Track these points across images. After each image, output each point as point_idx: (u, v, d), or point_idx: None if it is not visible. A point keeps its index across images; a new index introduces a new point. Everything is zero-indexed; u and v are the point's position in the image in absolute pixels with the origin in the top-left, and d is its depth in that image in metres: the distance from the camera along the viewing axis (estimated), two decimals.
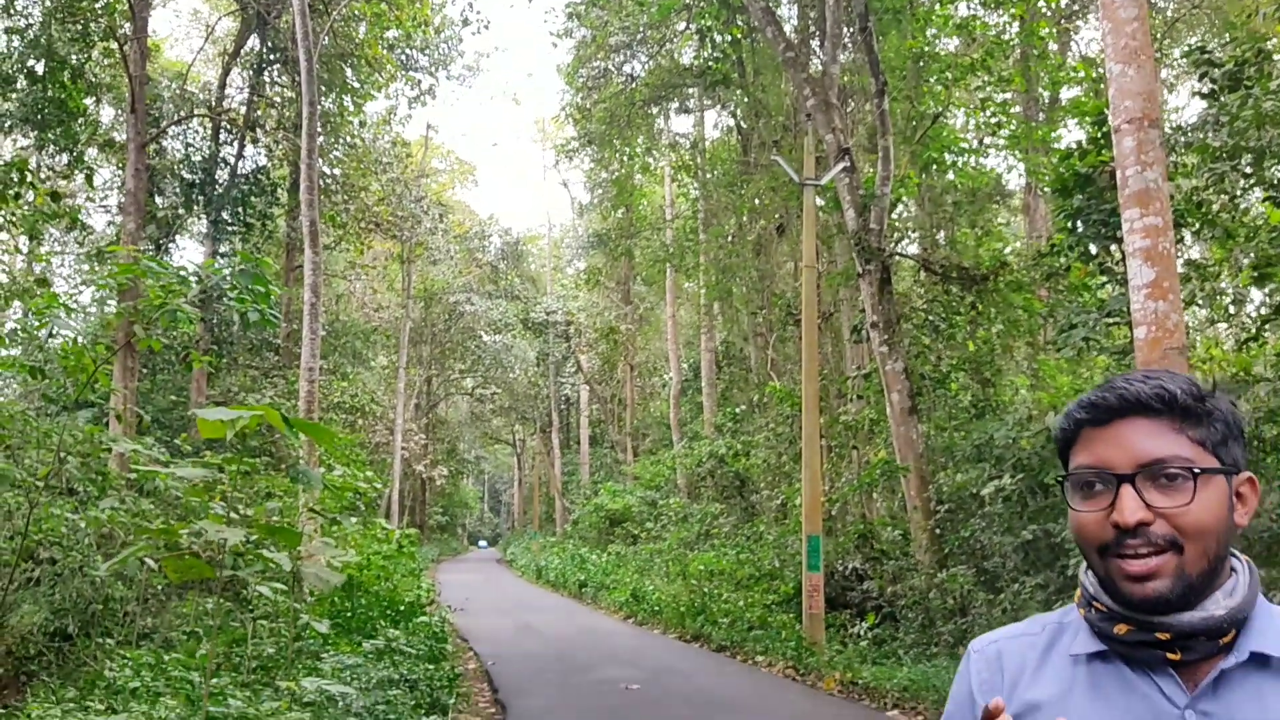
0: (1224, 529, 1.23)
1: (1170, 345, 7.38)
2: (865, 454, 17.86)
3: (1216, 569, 1.23)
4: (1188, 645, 1.22)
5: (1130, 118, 7.41)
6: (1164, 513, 1.21)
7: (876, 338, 14.30)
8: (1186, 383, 1.27)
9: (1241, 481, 1.28)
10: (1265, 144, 10.00)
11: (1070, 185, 12.54)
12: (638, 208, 34.08)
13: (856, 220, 14.43)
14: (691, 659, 13.37)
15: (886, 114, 14.48)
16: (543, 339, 43.91)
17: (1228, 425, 1.27)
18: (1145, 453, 1.23)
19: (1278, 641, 1.22)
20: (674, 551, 22.49)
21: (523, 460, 61.24)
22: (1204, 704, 1.21)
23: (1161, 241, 7.44)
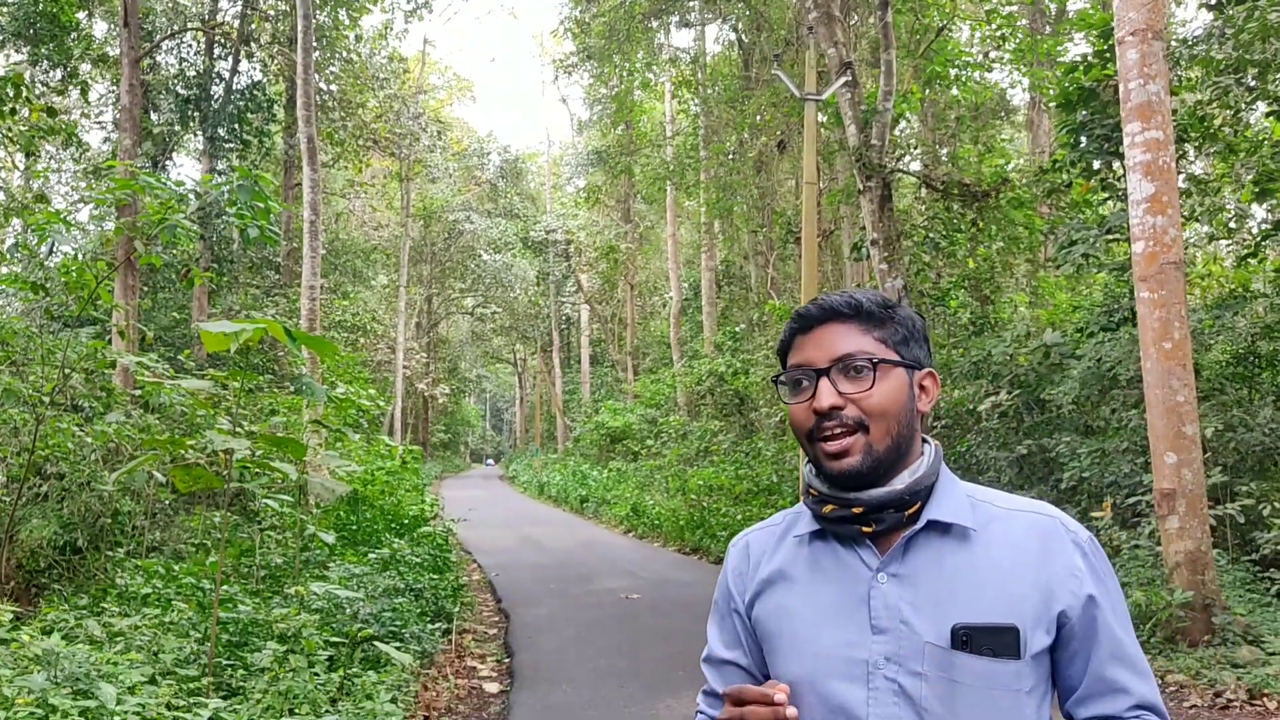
0: (905, 412, 1.45)
1: (1167, 260, 7.41)
2: None
3: (902, 448, 1.44)
4: (879, 518, 1.42)
5: (1134, 29, 7.33)
6: (852, 398, 1.42)
7: (876, 255, 14.27)
8: (877, 297, 1.49)
9: (923, 376, 1.50)
10: (1270, 57, 9.88)
11: (1074, 100, 12.42)
12: (638, 124, 33.68)
13: (858, 136, 14.29)
14: (690, 570, 13.64)
15: (890, 27, 14.25)
16: (543, 258, 43.79)
17: (910, 329, 1.49)
18: (837, 350, 1.45)
19: (951, 510, 1.43)
20: (674, 468, 22.76)
21: (524, 379, 61.54)
22: (893, 567, 1.42)
23: (1162, 156, 7.42)
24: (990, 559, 1.40)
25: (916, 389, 1.48)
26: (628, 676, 7.48)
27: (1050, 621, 1.38)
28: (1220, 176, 12.51)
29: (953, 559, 1.40)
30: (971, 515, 1.43)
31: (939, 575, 1.39)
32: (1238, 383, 11.19)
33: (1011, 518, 1.44)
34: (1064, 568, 1.40)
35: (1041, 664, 1.40)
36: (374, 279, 35.82)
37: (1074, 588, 1.39)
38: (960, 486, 1.48)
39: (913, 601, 1.39)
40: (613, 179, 34.63)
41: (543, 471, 33.87)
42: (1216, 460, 9.90)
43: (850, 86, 14.29)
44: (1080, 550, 1.42)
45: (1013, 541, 1.41)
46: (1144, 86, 7.33)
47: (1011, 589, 1.38)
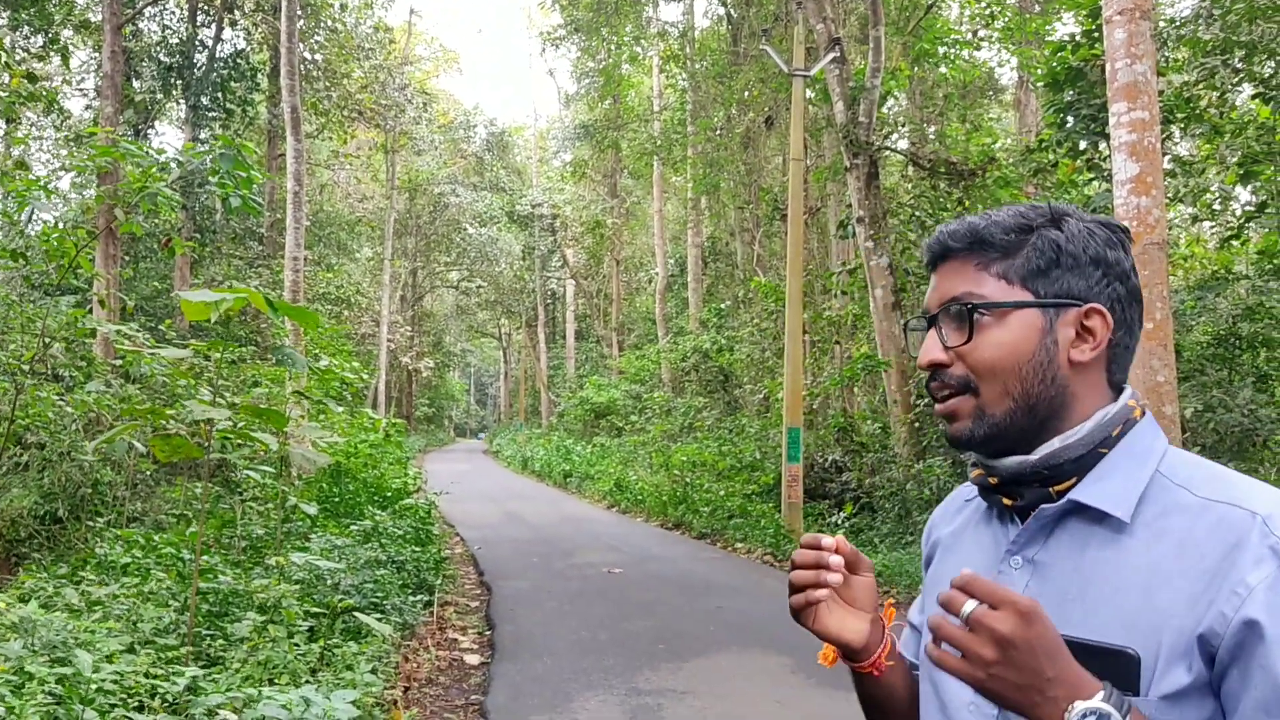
0: (1036, 366, 1.15)
1: (1151, 240, 7.42)
2: (848, 349, 18.02)
3: (1039, 410, 1.16)
4: (1018, 491, 1.18)
5: (1122, 8, 7.31)
6: (958, 352, 1.17)
7: (862, 233, 14.29)
8: (1016, 214, 1.19)
9: (1081, 314, 1.16)
10: (1257, 39, 9.91)
11: (1062, 79, 12.41)
12: (625, 99, 33.53)
13: (845, 113, 14.28)
14: (672, 545, 13.70)
15: (879, 3, 14.20)
16: (528, 232, 43.63)
17: (1058, 253, 1.16)
18: (945, 293, 1.20)
19: (1108, 492, 1.13)
20: (657, 443, 22.81)
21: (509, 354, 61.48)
22: (1029, 550, 1.17)
23: (1148, 136, 7.42)
24: (1146, 560, 1.08)
25: (1066, 332, 1.16)
26: (609, 649, 7.51)
27: (1191, 651, 1.03)
28: (1205, 158, 12.55)
29: (1098, 553, 1.11)
30: (1138, 502, 1.12)
31: (1075, 569, 1.12)
32: (1218, 364, 11.27)
33: (1204, 511, 1.08)
34: (1235, 581, 1.02)
35: (1184, 711, 1.04)
36: (358, 252, 35.64)
37: (1231, 607, 1.01)
38: (1153, 458, 1.15)
39: (1037, 593, 1.13)
40: (599, 153, 34.51)
41: (527, 446, 33.89)
42: (1196, 440, 9.99)
43: (838, 63, 14.25)
44: (1275, 559, 1.01)
45: (1188, 542, 1.07)
46: (1130, 66, 7.33)
47: (1155, 603, 1.05)
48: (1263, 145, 10.82)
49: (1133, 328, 1.20)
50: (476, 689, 6.47)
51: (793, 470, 13.20)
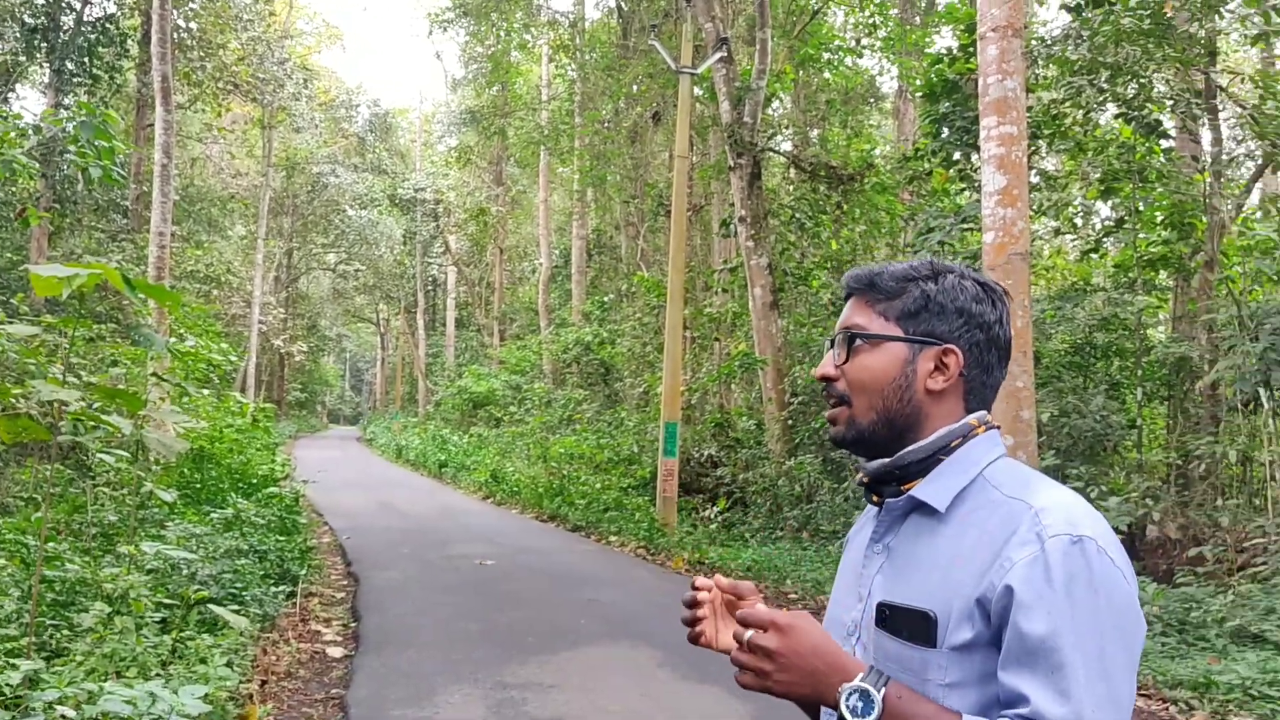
0: (895, 388, 1.40)
1: (1015, 251, 7.72)
2: (727, 346, 18.26)
3: (898, 424, 1.41)
4: (880, 489, 1.44)
5: (996, 25, 7.58)
6: (842, 370, 1.44)
7: (744, 232, 14.48)
8: (907, 267, 1.45)
9: (937, 352, 1.40)
10: (1121, 60, 10.37)
11: (938, 91, 12.79)
12: (513, 86, 33.19)
13: (731, 113, 14.43)
14: (547, 538, 13.66)
15: (766, 6, 14.40)
16: (410, 217, 42.79)
17: (928, 301, 1.42)
18: (843, 321, 1.47)
19: (934, 491, 1.37)
20: (536, 435, 22.70)
21: (386, 340, 60.27)
22: (887, 538, 1.43)
23: (1015, 150, 7.71)
24: (955, 544, 1.32)
25: (925, 365, 1.40)
26: (479, 641, 7.44)
27: (973, 612, 1.26)
28: (1069, 174, 13.09)
29: (928, 539, 1.36)
30: (955, 498, 1.36)
31: (910, 553, 1.37)
32: (1074, 371, 11.79)
33: (1002, 505, 1.31)
34: (1005, 557, 1.25)
35: (972, 661, 1.26)
36: (230, 229, 34.41)
37: (999, 577, 1.24)
38: (977, 469, 1.37)
39: (884, 574, 1.40)
40: (486, 140, 34.10)
41: (402, 435, 33.32)
42: (1051, 444, 10.43)
43: (725, 62, 14.39)
44: (1038, 542, 1.23)
45: (985, 530, 1.30)
46: (1001, 82, 7.60)
47: (955, 576, 1.29)
48: (1123, 163, 11.33)
49: (990, 369, 1.44)
50: (338, 682, 6.32)
51: (668, 465, 13.30)
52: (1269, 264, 9.33)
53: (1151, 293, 12.40)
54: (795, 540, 12.07)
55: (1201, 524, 9.54)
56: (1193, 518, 9.78)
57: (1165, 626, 6.92)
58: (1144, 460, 11.63)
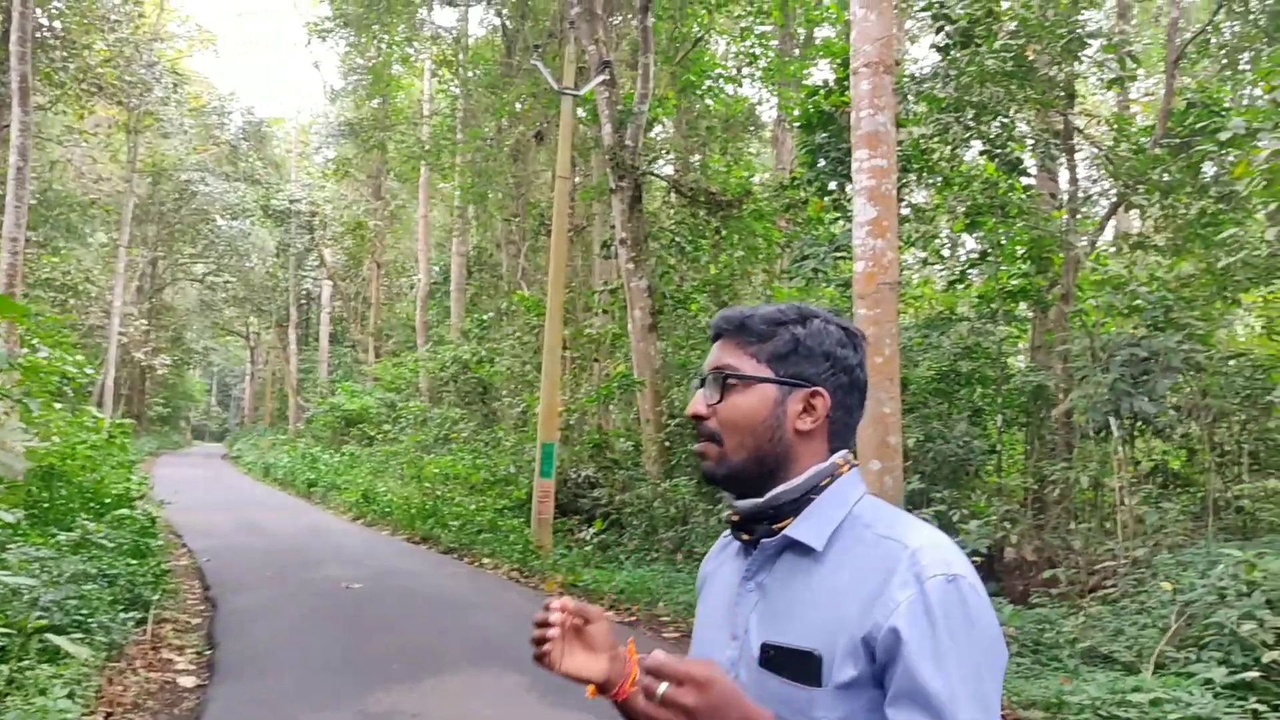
0: (765, 428, 1.44)
1: (884, 280, 7.92)
2: (606, 367, 18.27)
3: (768, 462, 1.44)
4: (751, 527, 1.47)
5: (868, 61, 7.79)
6: (714, 409, 1.46)
7: (624, 254, 14.54)
8: (777, 311, 1.49)
9: (806, 394, 1.45)
10: (985, 100, 10.80)
11: (814, 122, 13.09)
12: (394, 99, 32.69)
13: (613, 135, 14.50)
14: (418, 560, 13.38)
15: (649, 31, 14.54)
16: (284, 229, 41.60)
17: (798, 345, 1.46)
18: (714, 361, 1.49)
19: (809, 530, 1.41)
20: (410, 454, 22.27)
21: (256, 355, 58.38)
22: (760, 576, 1.45)
23: (885, 183, 7.93)
24: (833, 582, 1.36)
25: (794, 406, 1.44)
26: (341, 668, 7.21)
27: (858, 651, 1.30)
28: (937, 207, 13.54)
29: (803, 578, 1.39)
30: (830, 537, 1.39)
31: (786, 591, 1.40)
32: (939, 397, 12.16)
33: (875, 545, 1.36)
34: (887, 598, 1.30)
35: (858, 698, 1.30)
36: (91, 236, 32.90)
37: (884, 617, 1.28)
38: (844, 506, 1.42)
39: (759, 612, 1.42)
40: (365, 153, 33.50)
41: (270, 452, 32.28)
42: (917, 468, 10.73)
43: (608, 85, 14.46)
44: (917, 584, 1.29)
45: (863, 569, 1.34)
46: (873, 116, 7.81)
47: (836, 615, 1.33)
48: (986, 198, 11.79)
49: (851, 410, 1.49)
50: (189, 714, 6.03)
51: (544, 486, 13.19)
52: (1119, 298, 9.80)
53: (1012, 323, 12.90)
54: (669, 562, 12.10)
55: (1056, 547, 9.93)
56: (1048, 541, 10.17)
57: (1021, 647, 7.16)
58: (1003, 484, 12.08)
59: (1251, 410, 10.05)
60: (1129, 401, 8.91)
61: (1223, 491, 10.03)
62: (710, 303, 16.96)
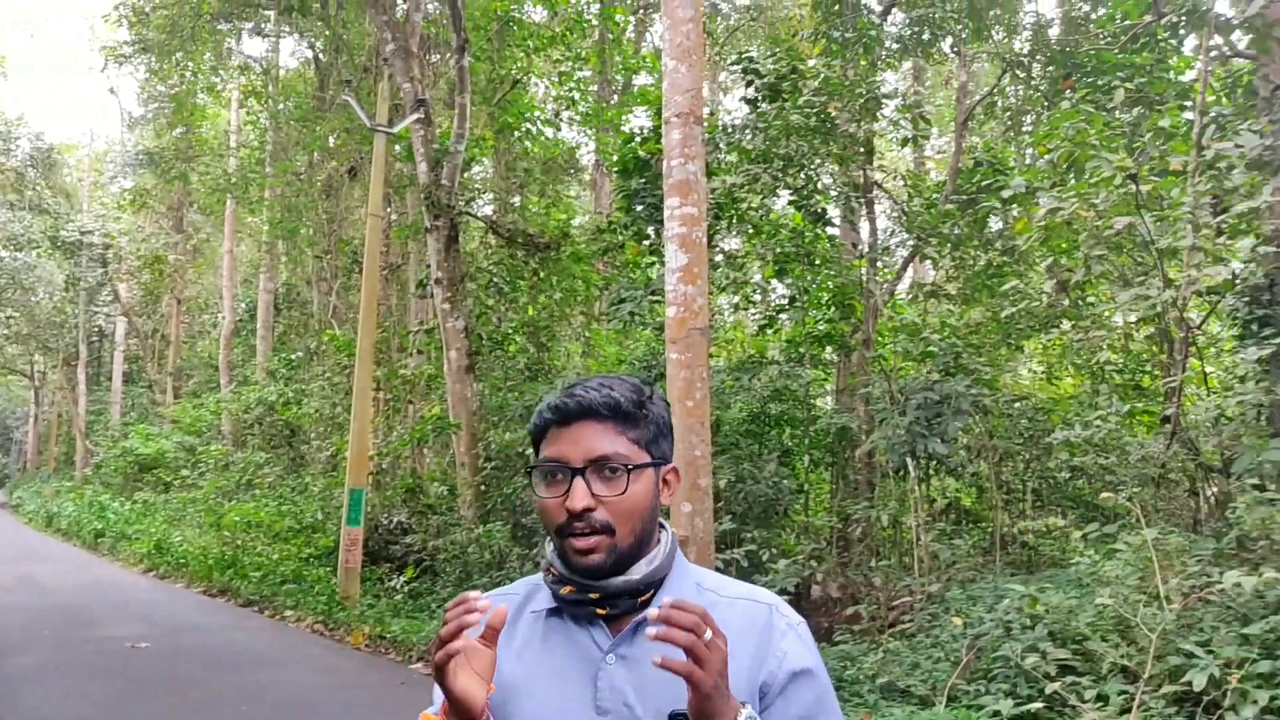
0: (650, 511, 1.51)
1: (695, 326, 8.06)
2: (421, 408, 17.88)
3: (644, 541, 1.50)
4: (614, 603, 1.49)
5: (679, 112, 7.97)
6: (604, 500, 1.46)
7: (440, 294, 14.31)
8: (631, 390, 1.52)
9: (668, 470, 1.56)
10: (792, 153, 11.24)
11: (631, 168, 13.31)
12: (198, 129, 31.33)
13: (428, 174, 14.30)
14: (215, 614, 12.64)
15: (466, 71, 14.47)
16: (75, 261, 39.00)
17: (659, 426, 1.54)
18: (594, 450, 1.47)
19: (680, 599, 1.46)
20: (210, 501, 21.13)
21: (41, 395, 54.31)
22: (623, 649, 1.48)
23: (696, 230, 8.10)
24: None
25: (659, 484, 1.53)
26: None
27: (755, 698, 1.44)
28: (747, 253, 13.95)
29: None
30: (698, 604, 1.42)
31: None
32: (750, 439, 12.45)
33: (731, 605, 1.51)
34: (774, 650, 1.47)
35: None
36: None
37: (776, 666, 1.46)
38: (691, 574, 1.56)
39: (637, 685, 1.44)
40: (165, 184, 31.92)
41: (54, 500, 30.01)
42: (729, 509, 10.92)
43: (424, 124, 14.28)
44: (794, 633, 1.50)
45: (734, 629, 1.43)
46: (684, 165, 7.98)
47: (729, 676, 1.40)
48: (793, 247, 12.23)
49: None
50: None
51: (352, 533, 12.72)
52: (914, 344, 10.32)
53: (818, 366, 13.38)
54: None
55: (859, 583, 10.28)
56: (851, 578, 10.52)
57: None
58: (811, 523, 12.44)
59: (1034, 450, 10.74)
60: (923, 442, 9.35)
61: (1009, 527, 10.65)
62: (528, 343, 16.89)
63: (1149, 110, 8.86)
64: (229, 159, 28.73)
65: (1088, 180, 7.57)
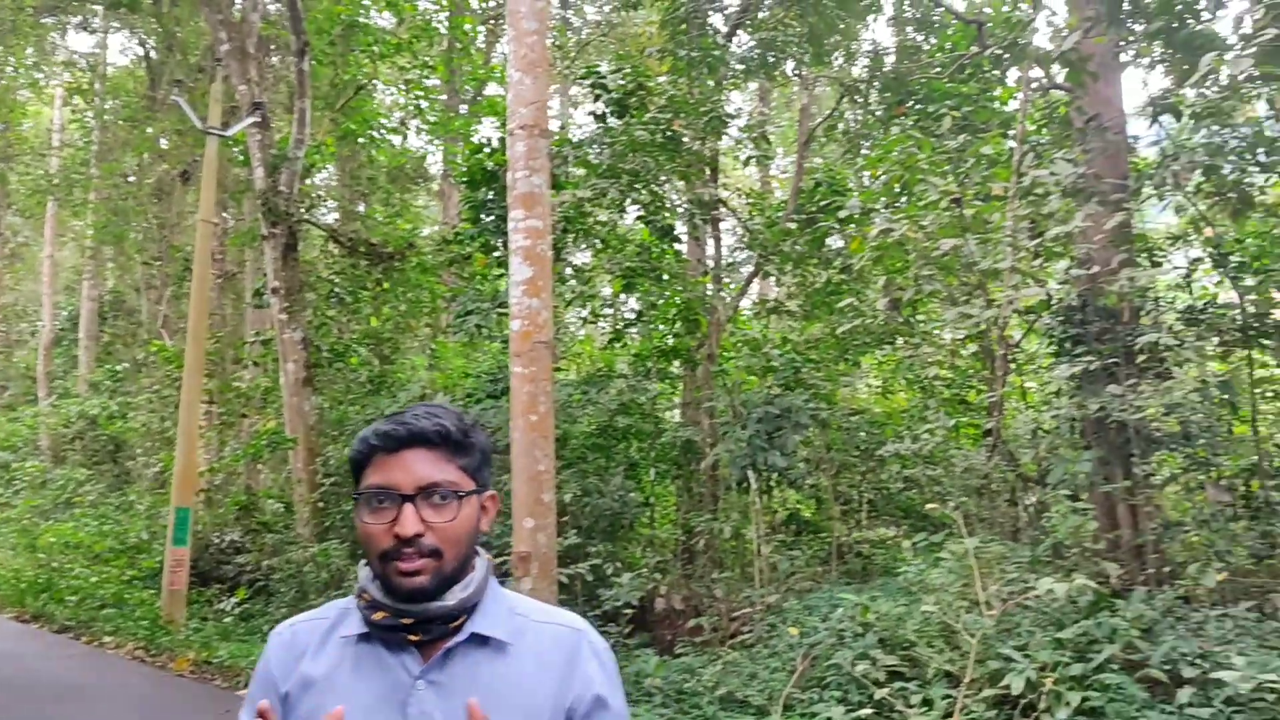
0: (473, 536, 1.56)
1: (539, 339, 8.01)
2: (256, 423, 17.21)
3: (465, 566, 1.55)
4: (427, 628, 1.51)
5: (523, 124, 7.92)
6: (434, 526, 1.50)
7: (277, 304, 13.82)
8: (457, 419, 1.57)
9: (488, 497, 1.61)
10: (638, 168, 11.32)
11: (478, 179, 13.15)
12: (18, 127, 29.44)
13: (266, 180, 13.80)
14: (25, 642, 11.81)
15: (306, 75, 14.05)
16: None
17: (483, 453, 1.60)
18: (425, 478, 1.51)
19: (492, 623, 1.55)
20: (24, 521, 19.79)
21: None
22: (433, 674, 1.50)
23: (540, 244, 8.05)
24: (521, 670, 1.53)
25: (481, 510, 1.58)
26: None
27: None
28: (595, 268, 13.98)
29: (489, 669, 1.52)
30: (510, 628, 1.56)
31: (474, 685, 1.48)
32: (597, 452, 12.45)
33: (542, 630, 1.58)
34: (581, 675, 1.55)
35: None
36: None
37: (583, 690, 1.54)
38: (505, 599, 1.61)
39: (447, 711, 1.47)
40: None
41: None
42: (574, 523, 10.88)
43: (261, 128, 13.79)
44: (598, 659, 1.58)
45: (541, 653, 1.55)
46: (528, 178, 7.93)
47: (534, 700, 1.51)
48: (640, 262, 12.32)
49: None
50: None
51: (177, 554, 12.10)
52: (756, 359, 10.54)
53: (665, 380, 13.50)
54: None
55: (702, 595, 10.39)
56: (695, 590, 10.63)
57: (665, 697, 7.37)
58: (656, 536, 12.53)
59: (869, 462, 11.10)
60: (764, 455, 9.54)
61: (846, 537, 10.97)
62: (372, 356, 16.47)
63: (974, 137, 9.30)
64: (51, 159, 27.11)
65: (917, 203, 7.88)
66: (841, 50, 14.02)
